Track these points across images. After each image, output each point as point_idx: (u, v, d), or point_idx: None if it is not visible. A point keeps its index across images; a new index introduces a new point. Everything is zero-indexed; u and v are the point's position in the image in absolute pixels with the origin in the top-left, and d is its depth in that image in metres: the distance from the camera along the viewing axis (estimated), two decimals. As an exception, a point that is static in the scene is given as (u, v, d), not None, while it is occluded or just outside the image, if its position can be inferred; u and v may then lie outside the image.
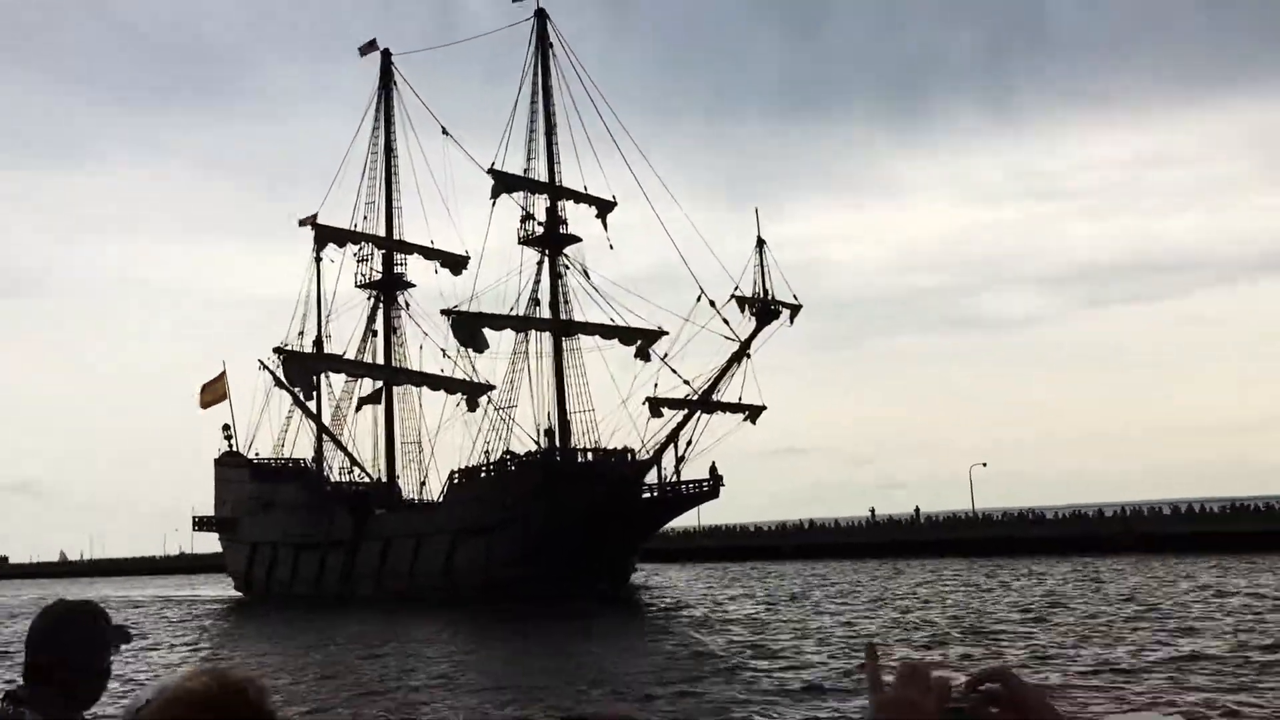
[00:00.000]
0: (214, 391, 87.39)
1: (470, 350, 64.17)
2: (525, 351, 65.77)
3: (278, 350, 73.71)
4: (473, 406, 72.75)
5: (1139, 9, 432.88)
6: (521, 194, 66.99)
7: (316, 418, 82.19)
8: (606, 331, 67.21)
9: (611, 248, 68.14)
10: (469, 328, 63.55)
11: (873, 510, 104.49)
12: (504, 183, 65.19)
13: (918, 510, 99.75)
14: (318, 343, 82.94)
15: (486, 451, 65.26)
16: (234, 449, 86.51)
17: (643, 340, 67.48)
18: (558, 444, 65.04)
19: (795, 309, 57.65)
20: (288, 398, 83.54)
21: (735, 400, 59.39)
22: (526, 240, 66.98)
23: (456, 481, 66.32)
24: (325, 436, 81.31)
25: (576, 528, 60.02)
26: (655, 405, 58.30)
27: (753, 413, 60.09)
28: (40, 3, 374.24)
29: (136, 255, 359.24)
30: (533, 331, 65.96)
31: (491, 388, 72.07)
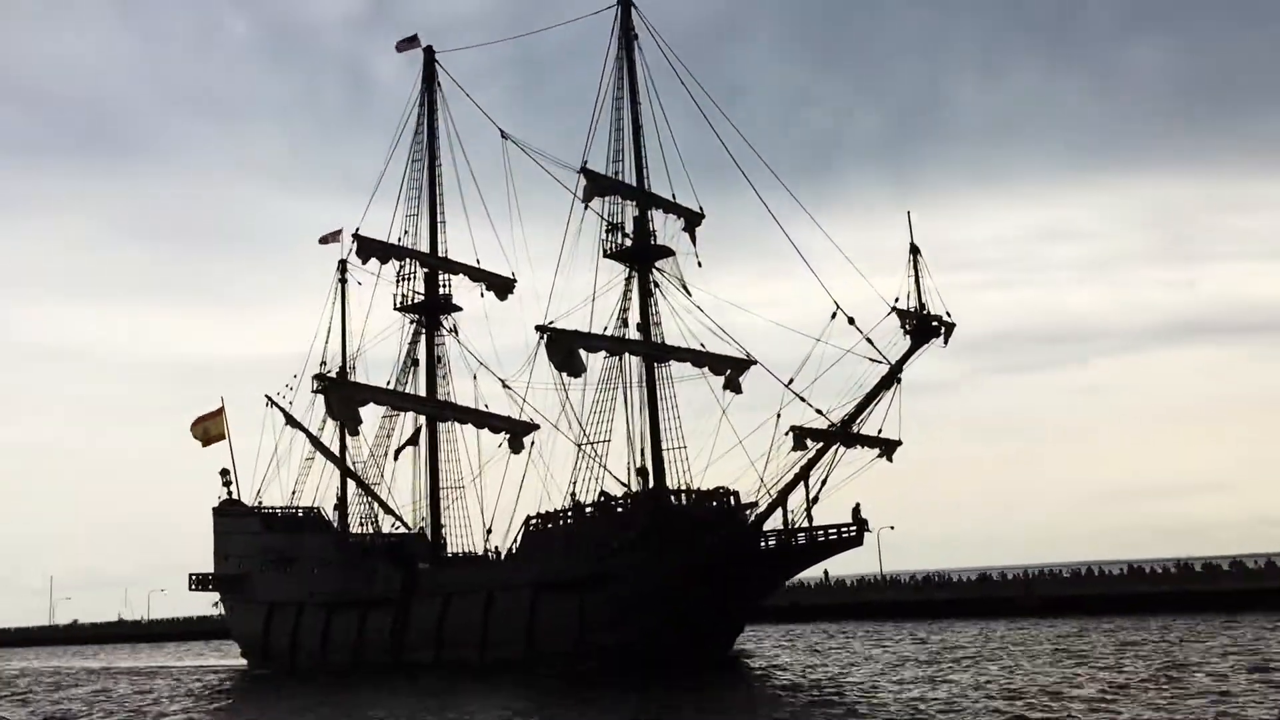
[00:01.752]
0: (210, 428, 77.30)
1: (565, 375, 55.38)
2: (619, 379, 57.21)
3: (319, 378, 64.05)
4: (517, 447, 64.10)
5: (1034, 91, 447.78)
6: (607, 200, 58.92)
7: (339, 459, 72.50)
8: (698, 358, 59.06)
9: (700, 265, 59.95)
10: (566, 347, 54.87)
11: None
12: (597, 185, 56.97)
13: (826, 573, 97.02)
14: (342, 375, 73.57)
15: (573, 494, 56.33)
16: (234, 496, 76.40)
17: (733, 370, 59.52)
18: (651, 485, 56.48)
19: (950, 328, 50.08)
20: (300, 439, 74.01)
21: (875, 433, 51.48)
22: (614, 253, 58.72)
23: (534, 528, 57.19)
24: (351, 480, 71.62)
25: (690, 583, 51.42)
26: (801, 436, 50.00)
27: (888, 448, 52.10)
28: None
29: (60, 318, 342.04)
30: (626, 356, 57.49)
31: (536, 427, 63.61)
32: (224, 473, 77.55)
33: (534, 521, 57.35)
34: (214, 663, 76.40)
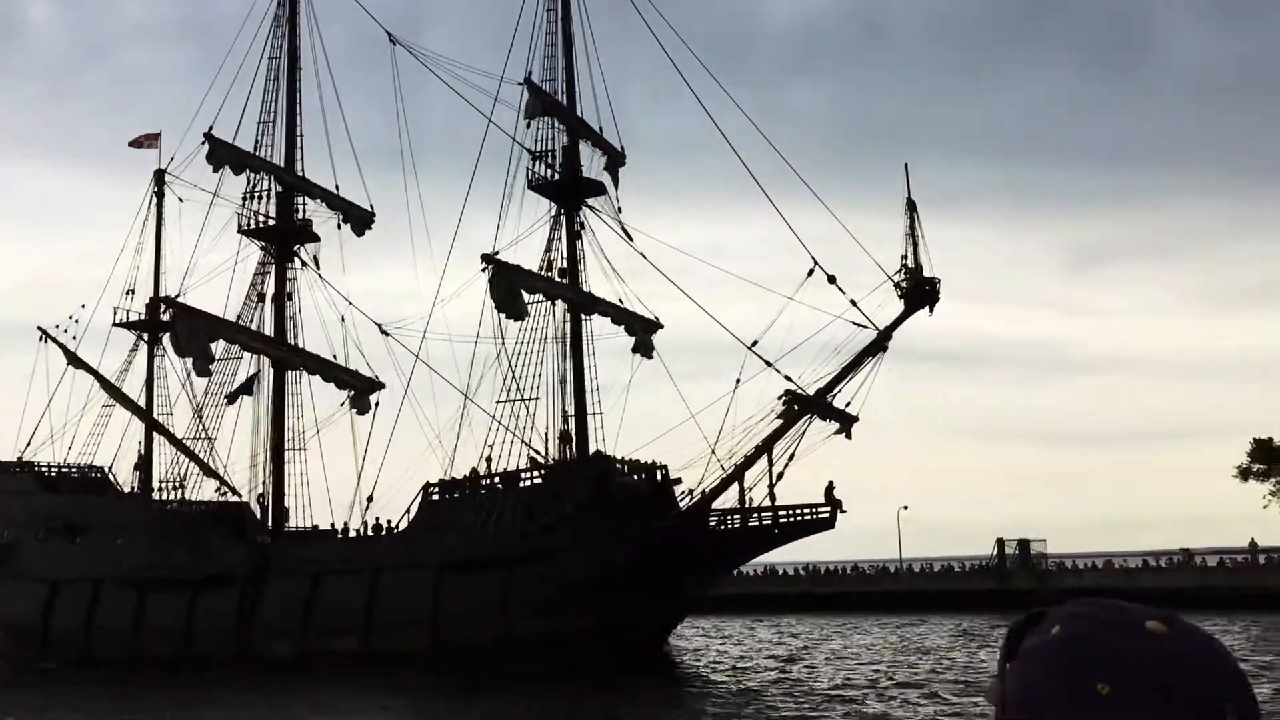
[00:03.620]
0: None
1: (504, 316, 47.05)
2: (545, 330, 49.50)
3: (167, 302, 51.80)
4: (363, 407, 55.56)
5: (707, 121, 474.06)
6: (536, 124, 51.12)
7: (145, 411, 60.05)
8: (617, 314, 52.40)
9: (620, 210, 53.17)
10: (508, 284, 46.56)
11: None
12: (541, 103, 49.05)
13: None
14: (154, 306, 61.19)
15: (489, 459, 48.06)
16: (-19, 449, 62.14)
17: (644, 331, 53.39)
18: (574, 452, 49.28)
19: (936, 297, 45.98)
20: (84, 384, 60.96)
21: (843, 405, 46.62)
22: (541, 185, 50.95)
23: (435, 498, 48.46)
24: (161, 436, 59.41)
25: (637, 566, 44.71)
26: (792, 403, 44.25)
27: (845, 423, 47.31)
28: None
29: None
30: (556, 305, 49.87)
31: (382, 385, 55.52)
32: (-29, 421, 62.91)
33: (432, 489, 48.70)
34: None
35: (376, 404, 56.45)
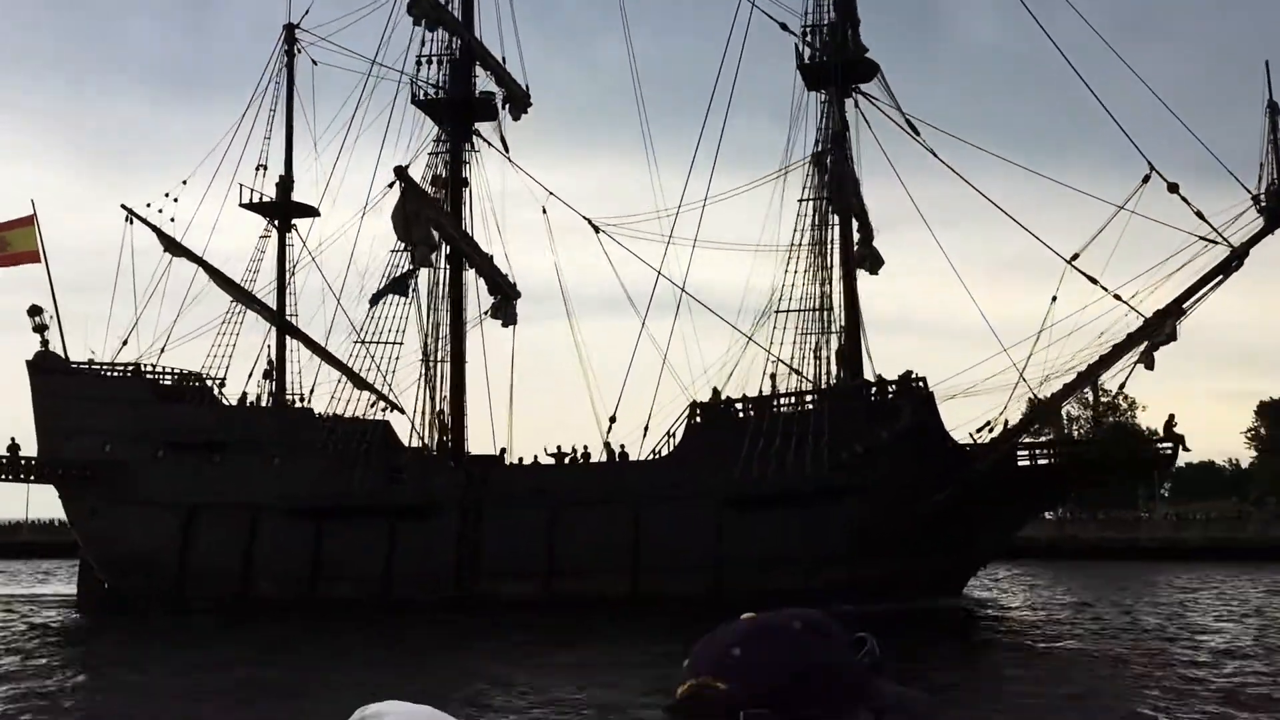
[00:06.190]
0: (11, 241, 52.09)
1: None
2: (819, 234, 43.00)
3: (399, 173, 42.73)
4: (509, 317, 48.44)
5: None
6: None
7: (279, 311, 51.08)
8: (865, 221, 46.23)
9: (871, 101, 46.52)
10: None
11: None
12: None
13: None
14: (285, 186, 52.06)
15: (773, 375, 41.53)
16: (48, 347, 52.01)
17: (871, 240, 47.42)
18: (850, 373, 43.17)
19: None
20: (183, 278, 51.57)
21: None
22: (811, 66, 44.06)
23: (699, 421, 41.77)
24: (295, 341, 50.68)
25: (956, 505, 39.18)
26: (1167, 323, 38.85)
27: (1151, 347, 42.24)
28: None
29: None
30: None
31: (519, 295, 48.80)
32: (35, 311, 52.23)
33: (697, 411, 42.02)
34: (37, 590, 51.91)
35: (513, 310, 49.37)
